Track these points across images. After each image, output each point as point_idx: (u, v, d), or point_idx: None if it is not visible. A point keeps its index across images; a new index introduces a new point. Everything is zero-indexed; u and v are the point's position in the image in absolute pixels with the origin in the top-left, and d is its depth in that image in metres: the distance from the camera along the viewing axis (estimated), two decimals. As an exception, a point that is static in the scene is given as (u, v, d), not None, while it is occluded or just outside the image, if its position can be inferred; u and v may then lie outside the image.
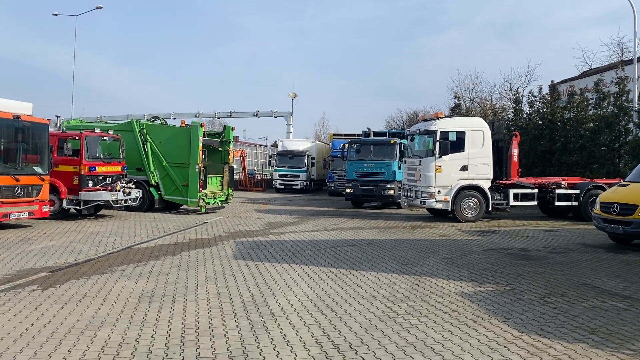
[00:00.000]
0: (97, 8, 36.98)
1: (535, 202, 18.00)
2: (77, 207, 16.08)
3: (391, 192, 21.73)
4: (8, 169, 13.32)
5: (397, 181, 21.53)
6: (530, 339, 5.45)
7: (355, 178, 22.45)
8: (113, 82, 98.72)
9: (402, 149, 21.61)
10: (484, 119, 20.96)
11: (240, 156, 37.11)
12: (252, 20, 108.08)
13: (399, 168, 21.34)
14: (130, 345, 5.12)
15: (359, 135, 30.48)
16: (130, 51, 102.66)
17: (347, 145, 23.95)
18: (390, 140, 22.84)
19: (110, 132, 17.81)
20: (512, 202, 17.48)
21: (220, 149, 20.67)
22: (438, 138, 16.77)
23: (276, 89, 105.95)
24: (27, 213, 13.55)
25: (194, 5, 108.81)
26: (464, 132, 17.05)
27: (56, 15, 39.66)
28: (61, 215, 15.95)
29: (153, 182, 18.94)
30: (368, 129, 26.13)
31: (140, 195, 17.72)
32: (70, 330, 5.55)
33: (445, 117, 18.87)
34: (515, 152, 18.57)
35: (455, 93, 38.87)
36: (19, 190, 13.28)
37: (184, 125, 19.96)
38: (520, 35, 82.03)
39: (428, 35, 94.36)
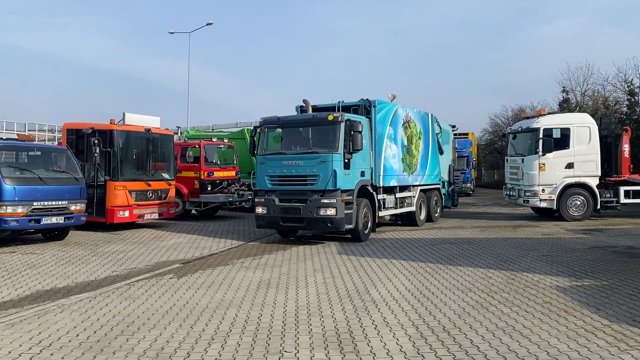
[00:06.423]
0: (207, 24, 39.64)
1: (650, 200, 17.15)
2: (198, 209, 17.87)
3: (331, 211, 11.75)
4: (141, 175, 15.25)
5: (343, 191, 11.94)
6: (619, 328, 5.70)
7: (271, 188, 12.52)
8: (221, 92, 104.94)
9: (353, 130, 11.92)
10: (596, 113, 20.16)
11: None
12: (351, 24, 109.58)
13: (346, 167, 11.99)
14: (254, 321, 6.09)
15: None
16: (235, 62, 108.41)
17: (258, 130, 13.33)
18: (328, 115, 12.12)
19: (225, 140, 19.54)
20: (623, 200, 16.82)
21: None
22: (541, 135, 16.58)
23: (376, 90, 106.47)
24: (157, 214, 15.40)
25: (294, 13, 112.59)
26: (568, 129, 16.70)
27: (172, 33, 42.68)
28: (184, 215, 17.81)
29: (263, 185, 20.43)
30: (305, 102, 13.78)
31: (252, 197, 19.20)
32: (204, 309, 6.65)
33: (549, 113, 18.47)
34: (626, 147, 17.77)
35: (564, 87, 37.15)
36: (150, 194, 15.14)
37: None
38: (639, 19, 75.65)
39: (534, 26, 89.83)
